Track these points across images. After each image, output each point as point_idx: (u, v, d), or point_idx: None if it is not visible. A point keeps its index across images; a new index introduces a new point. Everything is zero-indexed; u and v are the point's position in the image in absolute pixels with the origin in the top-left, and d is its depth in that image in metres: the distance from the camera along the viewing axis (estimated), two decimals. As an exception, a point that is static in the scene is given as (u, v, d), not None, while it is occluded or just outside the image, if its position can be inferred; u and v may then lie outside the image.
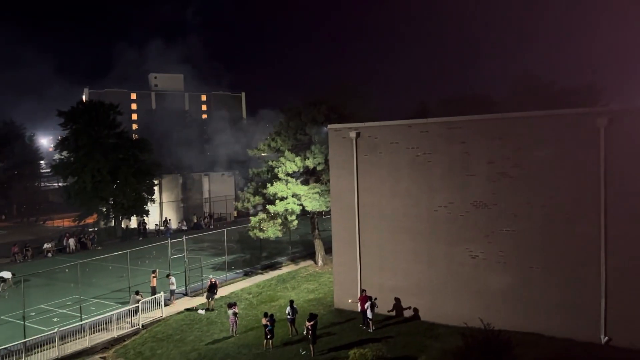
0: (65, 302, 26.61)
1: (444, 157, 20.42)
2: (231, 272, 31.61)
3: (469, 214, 19.96)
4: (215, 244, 37.98)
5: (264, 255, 35.50)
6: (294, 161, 29.88)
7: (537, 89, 40.80)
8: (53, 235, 46.96)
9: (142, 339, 22.15)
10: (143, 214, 48.47)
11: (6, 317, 24.61)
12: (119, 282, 29.61)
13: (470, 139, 19.83)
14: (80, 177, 44.83)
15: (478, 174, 19.68)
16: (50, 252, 40.01)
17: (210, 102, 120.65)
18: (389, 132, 21.89)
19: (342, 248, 23.34)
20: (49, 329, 21.70)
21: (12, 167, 65.94)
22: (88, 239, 43.27)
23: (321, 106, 30.41)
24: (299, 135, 30.57)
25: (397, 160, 21.56)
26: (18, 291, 25.12)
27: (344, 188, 23.05)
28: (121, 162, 46.38)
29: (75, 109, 46.53)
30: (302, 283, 28.68)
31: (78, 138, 45.26)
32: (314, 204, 29.40)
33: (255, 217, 30.97)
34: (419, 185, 21.09)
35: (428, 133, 20.83)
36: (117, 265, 32.43)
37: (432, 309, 20.87)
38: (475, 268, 19.92)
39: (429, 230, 20.92)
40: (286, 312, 20.91)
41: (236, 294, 27.09)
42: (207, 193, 57.24)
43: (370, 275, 22.42)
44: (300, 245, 37.91)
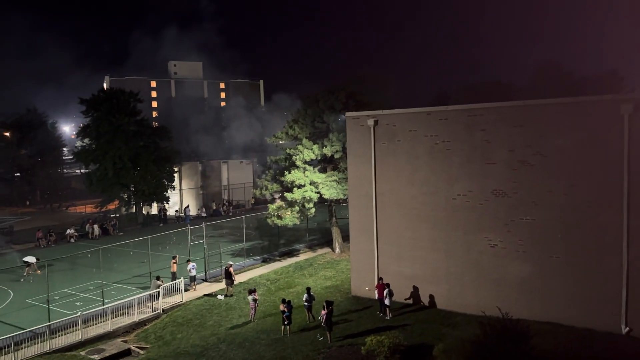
0: (88, 286, 27.20)
1: (464, 145, 20.20)
2: (249, 259, 31.93)
3: (489, 203, 19.76)
4: (234, 230, 38.36)
5: (282, 242, 35.73)
6: (312, 149, 29.88)
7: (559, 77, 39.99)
8: (75, 221, 47.91)
9: (163, 323, 22.56)
10: (163, 200, 49.11)
11: (31, 300, 25.27)
12: (140, 267, 30.15)
13: (491, 126, 19.55)
14: (102, 164, 45.56)
15: (498, 162, 19.43)
16: (73, 237, 40.85)
17: (229, 90, 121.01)
18: (407, 119, 21.71)
19: (360, 236, 23.35)
20: (72, 312, 22.24)
21: (35, 154, 67.30)
22: (110, 225, 44.03)
23: (339, 93, 30.27)
24: (317, 123, 30.51)
25: (415, 148, 21.40)
26: (42, 275, 25.76)
27: (362, 176, 22.99)
28: (142, 150, 46.98)
29: (96, 97, 47.16)
30: (319, 270, 28.83)
31: (99, 125, 45.92)
32: (332, 191, 29.42)
33: (273, 205, 31.14)
34: (437, 174, 20.92)
35: (447, 121, 20.60)
36: (138, 251, 32.99)
37: (449, 297, 20.81)
38: (494, 257, 19.77)
39: (447, 219, 20.78)
40: (303, 299, 21.07)
41: (254, 280, 27.37)
42: (225, 180, 57.68)
43: (387, 263, 22.41)
44: (318, 233, 38.05)
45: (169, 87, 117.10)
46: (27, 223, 47.31)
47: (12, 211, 58.74)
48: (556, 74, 43.33)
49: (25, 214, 55.86)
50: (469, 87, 45.67)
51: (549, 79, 43.94)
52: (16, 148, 66.50)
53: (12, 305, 24.84)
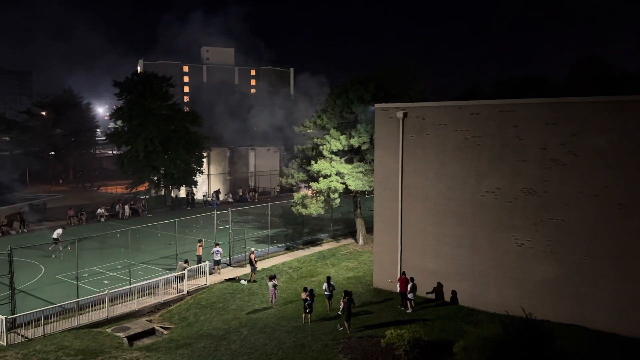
0: (116, 265, 27.91)
1: (494, 141, 19.83)
2: (273, 246, 32.20)
3: (518, 201, 19.40)
4: (259, 217, 38.71)
5: (306, 231, 35.90)
6: (339, 139, 29.81)
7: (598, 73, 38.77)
8: (106, 201, 49.10)
9: (187, 304, 23.01)
10: (192, 184, 49.86)
11: (61, 276, 26.10)
12: (166, 249, 30.75)
13: (523, 123, 19.13)
14: (134, 146, 46.44)
15: (529, 159, 19.03)
16: (103, 217, 41.90)
17: (259, 77, 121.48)
18: (437, 113, 21.42)
19: (384, 228, 23.27)
20: (99, 290, 22.89)
21: (70, 134, 69.05)
22: (139, 206, 44.98)
23: (369, 84, 30.03)
24: (345, 114, 30.38)
25: (444, 143, 21.12)
26: (72, 253, 26.51)
27: (388, 168, 22.84)
28: (172, 134, 47.68)
29: (130, 80, 47.97)
30: (342, 261, 28.89)
31: (132, 108, 46.73)
32: (357, 183, 29.34)
33: (299, 194, 31.26)
34: (466, 169, 20.63)
35: (479, 115, 20.24)
36: (165, 233, 33.64)
37: (472, 294, 20.60)
38: (521, 256, 19.44)
39: (474, 215, 20.50)
40: (324, 288, 21.19)
41: (277, 267, 27.62)
42: (252, 167, 58.15)
43: (410, 257, 22.30)
44: (342, 223, 38.07)
45: (200, 73, 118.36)
46: (59, 201, 48.67)
47: (45, 189, 60.56)
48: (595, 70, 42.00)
49: (58, 192, 57.48)
50: (503, 81, 44.71)
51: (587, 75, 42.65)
52: (51, 127, 68.37)
53: (43, 280, 25.70)
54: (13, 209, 43.09)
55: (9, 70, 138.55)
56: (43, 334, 19.09)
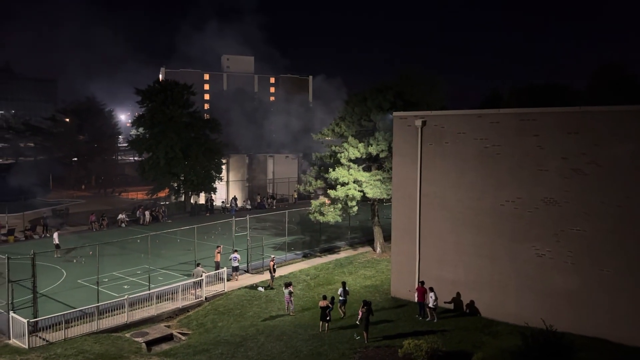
0: (136, 270, 28.25)
1: (515, 150, 19.63)
2: (291, 253, 32.26)
3: (538, 211, 19.13)
4: (277, 224, 38.84)
5: (323, 238, 35.89)
6: (357, 147, 29.81)
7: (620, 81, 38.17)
8: (127, 206, 49.78)
9: (205, 310, 23.17)
10: (211, 191, 50.30)
11: (82, 281, 26.51)
12: (185, 254, 31.03)
13: (544, 132, 18.90)
14: (155, 152, 47.08)
15: (550, 169, 18.78)
16: (124, 222, 42.48)
17: (278, 85, 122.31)
18: (456, 121, 21.30)
19: (402, 237, 23.15)
20: (119, 295, 23.19)
21: (93, 140, 70.33)
22: (160, 212, 45.52)
23: (387, 92, 30.02)
24: (364, 122, 30.38)
25: (463, 151, 20.97)
26: (93, 257, 26.91)
27: (407, 176, 22.75)
28: (193, 141, 48.25)
29: (151, 88, 48.76)
30: (359, 269, 28.79)
31: (154, 115, 47.44)
32: (375, 190, 29.26)
33: (316, 201, 31.30)
34: (485, 178, 20.44)
35: (499, 124, 20.06)
36: (184, 239, 33.97)
37: (491, 305, 20.33)
38: (541, 267, 19.14)
39: (493, 225, 20.28)
40: (339, 293, 21.24)
41: (294, 275, 27.64)
42: (271, 174, 58.44)
43: (429, 267, 22.12)
44: (359, 231, 37.98)
45: (221, 80, 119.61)
46: (81, 206, 49.58)
47: (68, 194, 61.67)
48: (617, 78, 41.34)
49: (80, 198, 58.54)
50: (523, 89, 44.31)
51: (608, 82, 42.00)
52: (75, 134, 69.74)
53: (65, 285, 26.14)
54: (36, 214, 44.02)
55: (36, 78, 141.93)
56: (64, 338, 19.40)
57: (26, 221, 40.06)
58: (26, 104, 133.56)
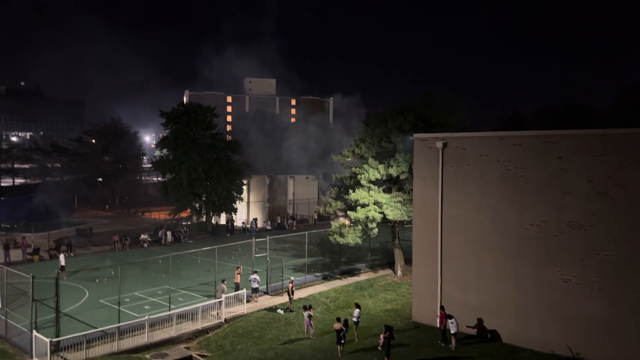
0: (157, 291, 28.39)
1: (538, 173, 19.33)
2: (310, 275, 32.05)
3: (563, 235, 18.72)
4: (297, 245, 38.75)
5: (343, 260, 35.63)
6: (377, 169, 29.74)
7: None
8: (150, 226, 50.33)
9: (224, 332, 23.07)
10: (232, 211, 50.61)
11: (104, 300, 26.73)
12: (206, 275, 31.11)
13: (568, 154, 18.61)
14: (178, 173, 47.69)
15: (575, 192, 18.42)
16: (146, 242, 42.90)
17: (299, 106, 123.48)
18: (478, 143, 21.13)
19: (423, 260, 22.84)
20: (140, 315, 23.27)
21: (117, 161, 71.74)
22: (181, 232, 45.88)
23: (408, 114, 30.01)
24: (384, 143, 30.36)
25: (486, 174, 20.74)
26: (115, 277, 27.17)
27: (428, 199, 22.56)
28: (215, 162, 48.77)
29: (175, 110, 49.65)
30: (379, 292, 28.43)
31: (177, 137, 48.22)
32: (396, 212, 29.04)
33: (336, 222, 31.19)
34: (508, 201, 20.13)
35: (521, 146, 19.83)
36: (205, 259, 34.10)
37: (516, 331, 19.81)
38: (567, 292, 18.64)
39: (517, 249, 19.89)
40: (354, 315, 21.11)
41: (314, 297, 27.42)
42: (291, 195, 58.58)
43: (451, 291, 21.73)
44: (380, 253, 37.61)
45: (243, 102, 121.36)
46: (105, 226, 50.30)
47: (93, 214, 62.71)
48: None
49: (104, 217, 59.46)
50: (546, 110, 43.87)
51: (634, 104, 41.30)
52: (101, 155, 71.26)
53: (87, 305, 26.38)
54: (61, 233, 44.78)
55: (64, 101, 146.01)
56: (85, 358, 19.49)
57: (51, 240, 40.77)
58: (54, 125, 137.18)
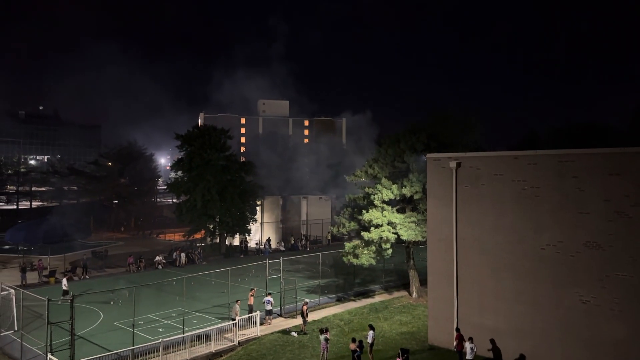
0: (171, 313, 28.34)
1: (554, 192, 19.11)
2: (324, 296, 31.80)
3: (581, 255, 18.39)
4: (310, 266, 38.56)
5: (357, 281, 35.32)
6: (391, 189, 29.63)
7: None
8: (164, 248, 50.52)
9: (238, 355, 22.87)
10: (245, 232, 50.64)
11: (118, 323, 26.73)
12: (219, 297, 31.02)
13: (584, 173, 18.39)
14: (192, 195, 48.00)
15: (592, 211, 18.14)
16: (160, 264, 43.02)
17: (313, 127, 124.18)
18: (492, 163, 20.99)
19: (438, 281, 22.55)
20: (154, 338, 23.21)
21: (133, 184, 72.51)
22: (195, 254, 45.98)
23: (420, 134, 30.00)
24: (397, 163, 30.31)
25: (500, 193, 20.55)
26: (130, 300, 27.22)
27: (442, 219, 22.37)
28: (229, 183, 49.04)
29: (190, 133, 50.23)
30: (395, 314, 28.06)
31: (192, 159, 48.67)
32: (410, 233, 28.82)
33: (350, 243, 31.02)
34: (524, 221, 19.88)
35: (537, 166, 19.66)
36: (219, 281, 34.05)
37: (534, 354, 19.35)
38: (586, 314, 18.22)
39: (534, 270, 19.56)
40: (368, 337, 21.01)
41: (328, 319, 27.15)
42: (305, 215, 58.54)
43: (468, 313, 21.37)
44: (394, 274, 37.23)
45: (257, 124, 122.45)
46: (120, 248, 50.60)
47: (108, 236, 63.20)
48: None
49: (119, 239, 59.85)
50: (561, 129, 43.55)
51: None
52: (117, 177, 72.12)
53: (101, 327, 26.40)
54: (77, 255, 45.14)
55: (81, 124, 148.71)
56: (99, 381, 19.44)
57: (67, 263, 41.09)
58: (71, 149, 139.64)
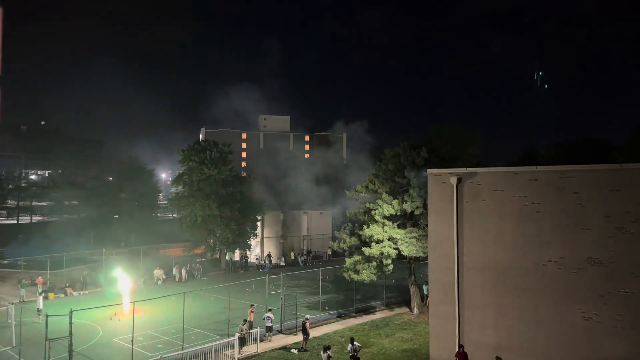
0: (170, 329, 28.13)
1: (555, 208, 19.08)
2: (325, 313, 31.59)
3: (582, 271, 18.30)
4: (311, 282, 38.39)
5: (358, 297, 35.12)
6: (391, 204, 29.60)
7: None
8: (164, 263, 50.26)
9: (237, 373, 22.68)
10: (245, 247, 50.47)
11: (117, 339, 26.54)
12: (220, 313, 30.81)
13: (585, 189, 18.38)
14: (192, 210, 47.93)
15: (593, 227, 18.09)
16: (160, 279, 42.80)
17: (313, 142, 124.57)
18: (493, 178, 20.99)
19: (440, 298, 22.40)
20: (153, 355, 23.04)
21: (133, 198, 72.38)
22: (195, 269, 45.77)
23: (421, 149, 30.06)
24: (398, 178, 30.32)
25: (501, 209, 20.52)
26: (129, 316, 27.04)
27: (443, 235, 22.30)
28: (229, 198, 49.00)
29: (191, 148, 50.34)
30: (396, 331, 27.85)
31: (192, 174, 48.71)
32: (411, 248, 28.75)
33: (351, 259, 30.90)
34: (526, 237, 19.82)
35: (537, 181, 19.66)
36: (219, 297, 33.86)
37: (537, 372, 19.14)
38: (589, 331, 18.07)
39: (536, 286, 19.44)
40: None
41: (329, 336, 26.94)
42: (305, 230, 58.40)
43: (469, 330, 21.20)
44: (396, 290, 37.02)
45: (258, 139, 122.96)
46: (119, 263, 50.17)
47: (108, 251, 62.90)
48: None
49: (119, 254, 59.49)
50: (561, 145, 43.66)
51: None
52: (117, 192, 72.02)
53: (100, 343, 26.20)
54: (76, 270, 44.95)
55: (83, 139, 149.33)
56: (97, 399, 19.24)
57: (66, 278, 40.89)
58: (72, 163, 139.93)
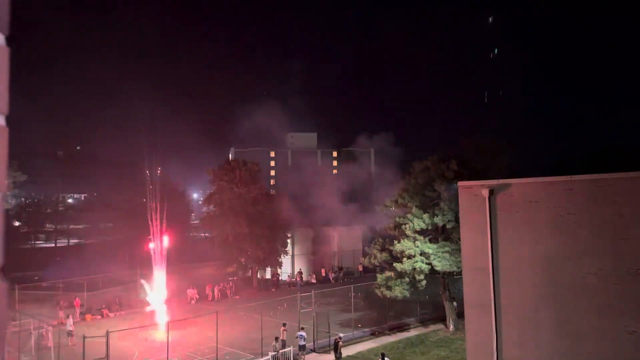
0: (204, 349, 28.22)
1: (592, 218, 18.40)
2: (358, 330, 31.17)
3: (624, 283, 17.51)
4: (342, 299, 38.00)
5: (391, 314, 34.52)
6: (422, 218, 29.21)
7: None
8: (197, 283, 50.69)
9: (271, 393, 22.51)
10: (276, 265, 50.54)
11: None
12: (252, 332, 30.76)
13: (623, 198, 17.69)
14: (224, 229, 48.43)
15: (633, 237, 17.35)
16: (193, 299, 43.14)
17: (341, 158, 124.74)
18: (526, 189, 20.44)
19: (476, 314, 21.76)
20: (188, 375, 23.10)
21: (168, 220, 73.62)
22: (227, 288, 45.98)
23: (450, 162, 29.65)
24: (427, 192, 29.95)
25: (536, 221, 19.91)
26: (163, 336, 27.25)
27: (476, 249, 21.76)
28: (259, 216, 49.33)
29: (221, 167, 51.11)
30: (432, 348, 27.23)
31: (223, 193, 49.32)
32: (444, 263, 28.22)
33: (382, 275, 30.52)
34: (562, 249, 19.16)
35: (572, 191, 19.05)
36: (251, 315, 33.84)
37: (582, 390, 18.33)
38: (634, 346, 17.20)
39: (575, 300, 18.70)
40: None
41: (362, 354, 26.55)
42: (335, 246, 58.12)
43: (508, 347, 20.48)
44: (430, 306, 36.27)
45: (286, 156, 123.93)
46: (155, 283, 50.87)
47: (143, 272, 63.90)
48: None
49: (154, 275, 60.32)
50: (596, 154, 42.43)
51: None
52: (152, 214, 73.38)
53: (136, 364, 26.48)
54: (112, 291, 45.80)
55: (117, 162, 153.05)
56: (133, 420, 19.35)
57: (102, 299, 41.66)
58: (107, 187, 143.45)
